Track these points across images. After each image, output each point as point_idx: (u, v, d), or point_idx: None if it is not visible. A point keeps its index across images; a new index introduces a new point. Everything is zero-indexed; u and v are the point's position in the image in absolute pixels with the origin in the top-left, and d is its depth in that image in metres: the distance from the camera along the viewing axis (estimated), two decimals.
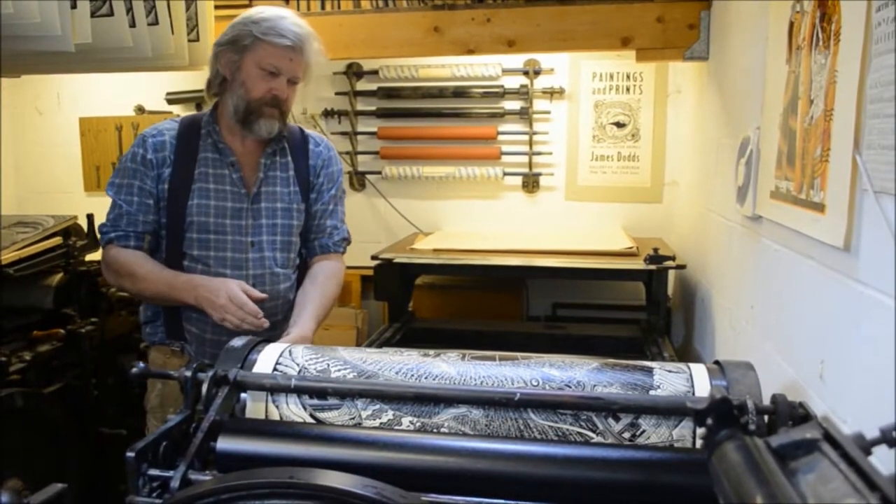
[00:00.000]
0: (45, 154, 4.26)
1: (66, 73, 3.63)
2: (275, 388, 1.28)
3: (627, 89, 3.65)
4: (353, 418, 1.24)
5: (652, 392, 1.22)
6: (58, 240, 2.86)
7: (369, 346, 2.48)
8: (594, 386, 1.23)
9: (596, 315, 3.51)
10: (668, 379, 1.25)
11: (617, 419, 1.19)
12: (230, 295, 1.86)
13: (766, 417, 1.10)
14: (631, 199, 3.67)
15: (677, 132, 3.57)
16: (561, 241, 3.16)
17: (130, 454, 1.15)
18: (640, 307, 3.11)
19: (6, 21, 1.68)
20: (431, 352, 1.37)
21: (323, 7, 3.15)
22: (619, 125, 3.66)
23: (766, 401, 1.12)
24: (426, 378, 1.28)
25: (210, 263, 2.00)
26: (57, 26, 1.79)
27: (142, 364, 1.32)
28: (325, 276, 2.12)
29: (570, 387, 1.23)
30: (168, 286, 1.95)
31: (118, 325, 2.96)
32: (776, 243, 1.66)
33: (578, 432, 1.19)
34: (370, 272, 3.02)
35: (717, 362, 1.28)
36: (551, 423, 1.19)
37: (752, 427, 0.83)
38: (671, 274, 2.94)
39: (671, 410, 1.14)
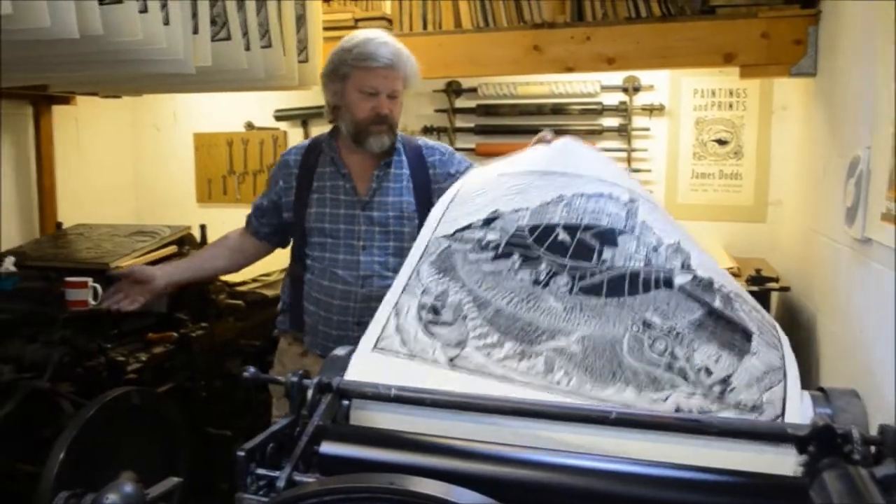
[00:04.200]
0: (161, 168, 4.51)
1: (184, 93, 3.85)
2: (375, 397, 1.33)
3: (730, 106, 3.57)
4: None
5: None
6: (173, 248, 3.03)
7: None
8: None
9: None
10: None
11: (709, 374, 1.23)
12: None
13: (872, 448, 1.06)
14: (732, 217, 3.58)
15: (782, 150, 3.46)
16: None
17: (241, 453, 1.21)
18: None
19: (136, 46, 1.82)
20: (542, 276, 1.43)
21: (424, 27, 3.23)
22: (721, 142, 3.59)
23: (874, 431, 1.09)
24: (533, 310, 1.37)
25: (325, 264, 2.21)
26: (180, 51, 1.92)
27: (252, 369, 1.40)
28: None
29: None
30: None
31: (226, 330, 3.11)
32: (887, 267, 1.60)
33: (670, 379, 1.24)
34: None
35: (821, 389, 1.25)
36: (643, 366, 1.26)
37: (856, 457, 0.82)
38: (774, 296, 2.85)
39: (771, 436, 1.12)
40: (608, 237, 1.46)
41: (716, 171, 3.60)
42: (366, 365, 1.42)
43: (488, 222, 1.55)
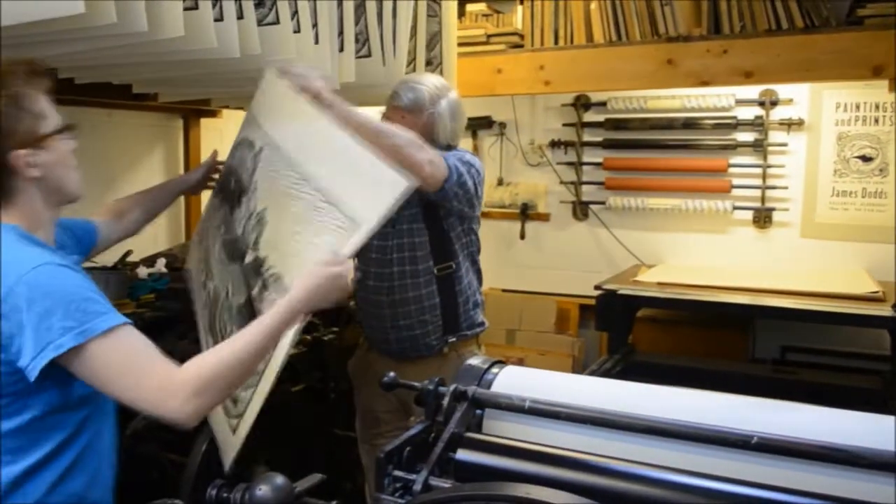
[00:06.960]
0: None
1: None
2: (509, 408, 1.36)
3: (876, 120, 3.39)
4: None
5: None
6: None
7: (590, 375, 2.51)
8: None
9: (831, 362, 3.26)
10: None
11: None
12: None
13: None
14: (877, 238, 3.38)
15: None
16: (795, 280, 2.99)
17: (381, 455, 1.27)
18: (883, 357, 2.86)
19: (290, 64, 1.92)
20: (218, 222, 1.89)
21: (556, 42, 3.25)
22: (865, 159, 3.41)
23: None
24: (211, 255, 1.78)
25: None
26: (328, 67, 2.02)
27: (392, 374, 1.46)
28: None
29: None
30: None
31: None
32: None
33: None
34: (588, 301, 3.05)
35: None
36: (229, 324, 1.68)
37: None
38: None
39: None
40: (238, 195, 1.71)
41: (858, 188, 3.42)
42: None
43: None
